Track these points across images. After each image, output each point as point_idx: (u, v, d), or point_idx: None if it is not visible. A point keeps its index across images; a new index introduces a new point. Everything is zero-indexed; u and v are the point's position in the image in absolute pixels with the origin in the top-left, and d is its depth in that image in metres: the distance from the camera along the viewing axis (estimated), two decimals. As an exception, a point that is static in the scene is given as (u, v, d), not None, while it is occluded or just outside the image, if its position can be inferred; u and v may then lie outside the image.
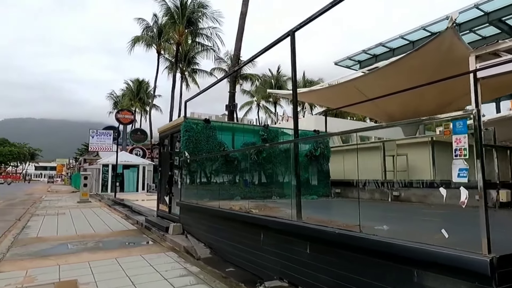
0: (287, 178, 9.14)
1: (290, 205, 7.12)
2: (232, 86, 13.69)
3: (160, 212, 9.39)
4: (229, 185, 8.14)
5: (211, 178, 7.92)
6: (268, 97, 43.19)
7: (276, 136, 9.08)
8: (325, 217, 4.58)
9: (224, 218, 5.49)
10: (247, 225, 4.82)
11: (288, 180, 9.14)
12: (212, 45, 26.48)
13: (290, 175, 9.02)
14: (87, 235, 7.89)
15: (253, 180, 8.60)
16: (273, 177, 8.83)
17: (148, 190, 25.31)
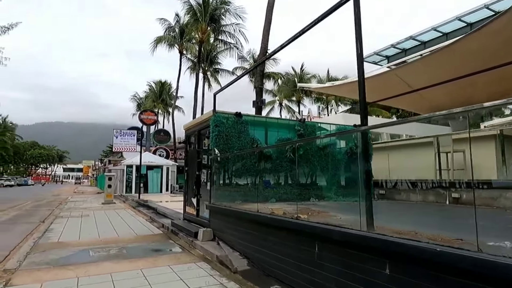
0: (327, 177, 8.25)
1: (339, 209, 6.26)
2: (260, 81, 12.89)
3: (187, 215, 8.71)
4: (262, 185, 7.33)
5: (243, 178, 7.14)
6: (291, 96, 42.17)
7: (313, 132, 8.21)
8: (397, 225, 3.68)
9: (264, 225, 4.67)
10: (295, 234, 3.99)
11: (327, 180, 8.24)
12: (235, 43, 25.89)
13: (329, 174, 8.13)
14: (110, 240, 7.30)
15: (289, 180, 7.75)
16: (311, 177, 7.95)
17: (172, 191, 24.95)
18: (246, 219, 5.26)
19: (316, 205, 6.71)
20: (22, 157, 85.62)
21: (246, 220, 5.27)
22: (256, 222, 4.93)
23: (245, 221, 5.31)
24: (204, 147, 8.01)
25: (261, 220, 4.76)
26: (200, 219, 7.76)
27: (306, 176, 7.95)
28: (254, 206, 6.03)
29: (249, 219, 5.16)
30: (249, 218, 5.14)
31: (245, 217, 5.31)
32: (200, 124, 8.00)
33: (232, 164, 7.00)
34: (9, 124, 69.37)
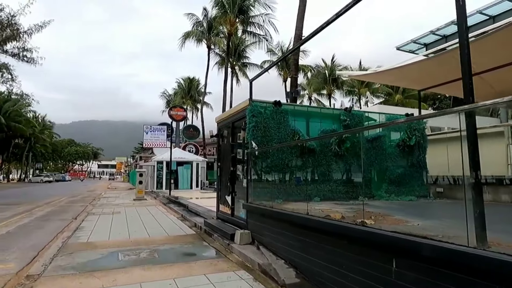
0: (376, 173, 7.33)
1: (402, 211, 5.36)
2: (294, 70, 12.03)
3: (220, 214, 8.09)
4: (305, 182, 6.55)
5: (283, 174, 6.38)
6: (321, 89, 40.81)
7: (361, 122, 7.29)
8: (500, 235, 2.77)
9: (318, 230, 3.90)
10: (361, 244, 3.20)
11: (377, 176, 7.32)
12: (264, 34, 25.08)
13: (379, 170, 7.20)
14: (141, 241, 6.80)
15: (334, 176, 6.90)
16: (359, 173, 7.06)
17: (202, 187, 24.68)
18: (293, 222, 4.51)
19: (368, 205, 5.84)
20: (60, 154, 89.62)
21: (293, 224, 4.51)
22: (306, 226, 4.16)
23: (292, 224, 4.55)
24: (239, 140, 7.33)
25: (313, 225, 3.98)
26: (236, 219, 7.10)
27: (353, 172, 7.07)
28: (300, 206, 5.27)
29: (297, 222, 4.40)
30: (297, 221, 4.37)
31: (291, 220, 4.55)
32: (234, 115, 7.31)
33: (272, 159, 6.25)
34: (47, 122, 72.58)
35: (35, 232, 8.22)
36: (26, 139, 55.92)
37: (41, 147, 65.45)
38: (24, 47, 24.53)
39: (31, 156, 64.72)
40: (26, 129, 49.80)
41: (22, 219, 10.67)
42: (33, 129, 55.17)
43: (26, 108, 56.73)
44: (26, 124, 51.01)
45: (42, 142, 63.98)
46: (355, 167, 7.03)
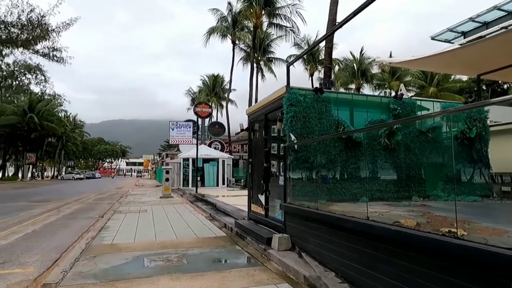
0: (431, 169, 6.40)
1: (477, 214, 4.50)
2: (328, 59, 11.16)
3: (252, 214, 7.43)
4: (351, 180, 5.75)
5: (327, 170, 5.61)
6: (350, 83, 39.28)
7: (413, 111, 6.38)
8: None
9: (386, 241, 3.12)
10: (453, 262, 2.40)
11: (431, 172, 6.39)
12: (291, 26, 24.15)
13: (435, 166, 6.28)
14: (168, 243, 6.25)
15: (382, 173, 6.05)
16: (411, 169, 6.16)
17: (228, 185, 24.21)
18: (348, 228, 3.74)
19: (427, 207, 4.98)
20: (90, 152, 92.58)
21: (348, 230, 3.75)
22: (367, 234, 3.39)
23: (346, 230, 3.79)
24: (273, 133, 6.61)
25: (378, 233, 3.21)
26: (271, 220, 6.40)
27: (404, 168, 6.18)
28: (349, 208, 4.50)
29: (353, 229, 3.63)
30: (354, 227, 3.61)
31: (345, 225, 3.79)
32: (268, 106, 6.60)
33: (313, 153, 5.50)
34: (78, 122, 74.97)
35: (60, 232, 7.89)
36: (58, 137, 57.84)
37: (72, 146, 67.63)
38: (54, 47, 24.99)
39: (63, 154, 67.05)
40: (58, 128, 51.41)
41: (50, 217, 10.49)
42: (64, 128, 56.96)
43: (57, 108, 58.75)
44: (58, 123, 52.67)
45: (73, 140, 66.07)
46: (407, 162, 6.14)
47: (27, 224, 8.96)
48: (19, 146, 51.11)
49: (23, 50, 24.26)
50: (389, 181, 6.02)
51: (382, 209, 4.71)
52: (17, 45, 22.27)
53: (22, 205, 14.25)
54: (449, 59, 8.88)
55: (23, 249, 6.14)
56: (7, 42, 21.71)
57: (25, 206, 13.56)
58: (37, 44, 23.72)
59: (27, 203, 14.91)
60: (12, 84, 60.91)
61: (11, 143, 49.38)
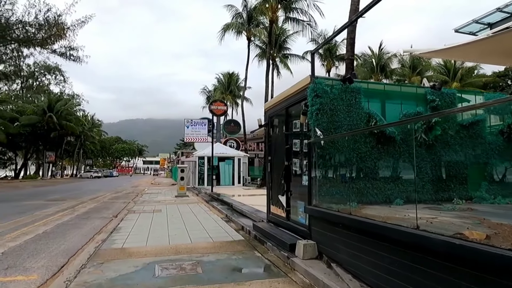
0: (473, 168, 5.70)
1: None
2: (350, 51, 10.47)
3: (272, 216, 6.89)
4: (384, 179, 5.13)
5: (358, 169, 5.01)
6: (369, 79, 38.08)
7: (453, 103, 5.69)
8: None
9: (451, 259, 2.51)
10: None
11: (474, 171, 5.69)
12: (308, 20, 23.41)
13: (478, 164, 5.57)
14: (182, 248, 5.78)
15: (417, 171, 5.39)
16: (451, 167, 5.49)
17: (244, 184, 23.75)
18: (391, 239, 3.15)
19: (474, 211, 4.33)
20: (108, 151, 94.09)
21: (391, 241, 3.16)
22: (418, 247, 2.80)
23: (389, 241, 3.20)
24: (295, 129, 6.05)
25: (439, 249, 2.60)
26: (293, 224, 5.85)
27: (444, 166, 5.51)
28: (389, 212, 3.90)
29: (399, 240, 3.04)
30: (400, 239, 3.02)
31: (387, 235, 3.20)
32: (290, 98, 6.04)
33: (342, 150, 4.91)
34: (96, 121, 76.14)
35: (71, 233, 7.57)
36: (76, 136, 58.81)
37: (90, 145, 68.74)
38: (70, 46, 25.10)
39: (81, 153, 68.23)
40: (76, 127, 52.21)
41: (63, 216, 10.25)
42: (82, 127, 57.86)
43: (76, 107, 59.75)
44: (76, 123, 53.50)
45: (91, 139, 67.11)
46: (446, 160, 5.47)
47: (39, 224, 8.71)
48: (40, 145, 52.19)
49: (41, 50, 24.47)
50: (426, 181, 5.37)
51: (423, 213, 4.10)
52: (34, 44, 22.40)
53: (38, 203, 14.17)
54: (488, 46, 8.09)
55: (30, 253, 5.80)
56: (25, 41, 21.86)
57: (41, 205, 13.45)
58: (54, 43, 23.86)
59: (43, 202, 14.84)
60: (32, 85, 62.50)
61: (32, 142, 50.47)
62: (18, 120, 44.82)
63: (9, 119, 42.59)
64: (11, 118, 43.67)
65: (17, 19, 21.95)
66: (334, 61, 35.64)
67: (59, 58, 25.90)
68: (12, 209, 12.25)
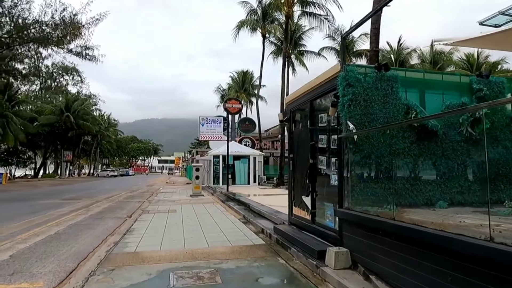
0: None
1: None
2: (375, 42, 9.83)
3: (295, 219, 6.37)
4: (423, 179, 4.55)
5: (397, 167, 4.44)
6: (386, 76, 36.98)
7: (501, 93, 5.04)
8: None
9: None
10: None
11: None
12: (325, 14, 22.67)
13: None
14: (198, 253, 5.34)
15: (462, 169, 4.77)
16: (501, 165, 4.84)
17: (260, 183, 23.28)
18: (453, 251, 2.59)
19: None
20: (124, 150, 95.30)
21: (452, 254, 2.60)
22: (494, 264, 2.25)
23: (448, 254, 2.64)
24: (320, 123, 5.51)
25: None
26: (319, 228, 5.33)
27: (493, 164, 4.87)
28: (434, 216, 3.34)
29: (463, 253, 2.48)
30: (465, 252, 2.46)
31: (447, 246, 2.64)
32: (315, 90, 5.51)
33: (378, 146, 4.35)
34: (112, 120, 77.13)
35: (84, 234, 7.25)
36: (93, 136, 59.62)
37: (107, 144, 69.60)
38: (86, 46, 25.16)
39: (98, 152, 69.17)
40: (92, 127, 52.85)
41: (77, 216, 10.00)
42: (99, 127, 58.58)
43: (92, 107, 60.58)
44: (93, 122, 54.16)
45: (108, 139, 67.96)
46: (495, 157, 4.83)
47: (52, 225, 8.45)
48: (58, 144, 53.09)
49: (58, 49, 24.60)
50: (471, 181, 4.75)
51: (474, 218, 3.53)
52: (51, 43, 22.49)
53: (54, 203, 14.06)
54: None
55: (39, 256, 5.47)
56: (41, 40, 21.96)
57: (56, 204, 13.31)
58: (70, 42, 23.95)
59: (59, 201, 14.74)
60: (51, 86, 63.77)
61: (51, 142, 51.36)
62: (37, 120, 45.64)
63: (28, 119, 43.37)
64: (31, 118, 44.48)
65: (34, 19, 22.10)
66: (351, 57, 34.68)
67: (75, 58, 26.02)
68: (28, 208, 12.14)
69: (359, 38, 34.41)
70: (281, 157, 21.84)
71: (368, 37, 32.06)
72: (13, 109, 40.58)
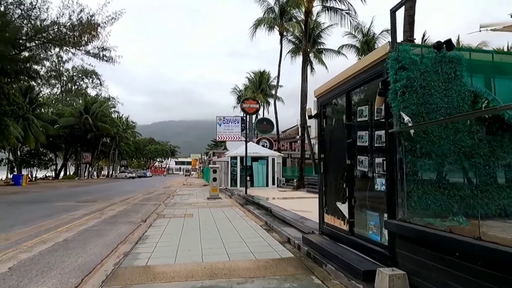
0: None
1: None
2: (409, 30, 8.90)
3: (328, 228, 5.56)
4: (497, 183, 3.67)
5: (461, 169, 3.59)
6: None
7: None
8: None
9: None
10: None
11: None
12: (347, 9, 21.69)
13: None
14: (218, 269, 4.61)
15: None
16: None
17: (279, 185, 22.46)
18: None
19: None
20: (142, 152, 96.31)
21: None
22: None
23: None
24: (361, 117, 4.69)
25: None
26: (360, 241, 4.50)
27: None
28: None
29: None
30: None
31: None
32: (354, 78, 4.69)
33: (439, 143, 3.51)
34: (130, 123, 77.93)
35: (93, 242, 6.66)
36: (112, 138, 60.23)
37: (125, 146, 70.29)
38: (103, 47, 25.01)
39: (117, 153, 69.94)
40: (111, 129, 53.34)
41: (89, 220, 9.49)
42: (117, 129, 59.14)
43: (111, 109, 61.29)
44: (111, 124, 54.69)
45: (126, 140, 68.62)
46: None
47: (62, 230, 7.93)
48: (78, 146, 53.85)
49: (75, 51, 24.56)
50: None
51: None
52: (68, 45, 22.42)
53: (69, 205, 13.71)
54: None
55: (41, 268, 4.88)
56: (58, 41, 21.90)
57: (70, 207, 12.93)
58: (88, 44, 23.84)
59: (74, 203, 14.40)
60: (71, 89, 65.05)
61: (71, 144, 52.13)
62: (57, 122, 46.36)
63: (49, 121, 44.06)
64: (51, 120, 45.21)
65: (52, 21, 22.09)
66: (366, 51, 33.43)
67: (93, 59, 25.89)
68: (42, 211, 11.78)
69: (381, 35, 33.19)
70: (302, 158, 20.97)
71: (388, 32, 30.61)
72: (34, 112, 41.29)
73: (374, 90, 4.10)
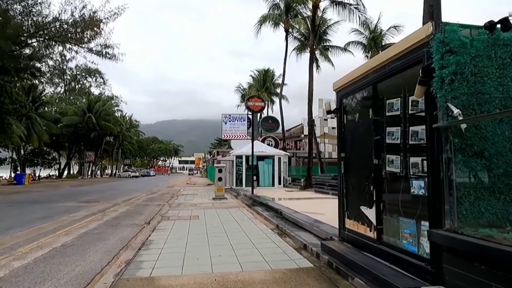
0: None
1: None
2: (429, 19, 8.30)
3: (350, 234, 5.04)
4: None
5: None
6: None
7: None
8: None
9: None
10: None
11: None
12: (356, 4, 21.02)
13: None
14: (230, 282, 4.10)
15: None
16: None
17: (285, 185, 21.94)
18: None
19: None
20: (145, 151, 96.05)
21: None
22: None
23: None
24: (390, 112, 4.16)
25: None
26: (391, 251, 3.98)
27: None
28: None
29: None
30: None
31: None
32: (384, 68, 4.16)
33: (494, 140, 2.99)
34: (133, 121, 77.63)
35: (93, 248, 6.18)
36: (115, 137, 59.90)
37: (128, 145, 69.99)
38: (106, 44, 24.58)
39: (120, 152, 69.66)
40: (114, 128, 52.98)
41: (90, 223, 9.03)
42: (120, 127, 58.78)
43: (114, 108, 61.00)
44: (115, 123, 54.34)
45: (129, 139, 68.30)
46: None
47: (61, 234, 7.48)
48: (81, 145, 53.58)
49: (78, 48, 24.16)
50: None
51: None
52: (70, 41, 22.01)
53: (70, 206, 13.28)
54: None
55: (34, 279, 4.41)
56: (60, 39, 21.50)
57: (72, 208, 12.50)
58: (90, 41, 23.42)
59: (75, 204, 13.97)
60: (75, 88, 64.91)
61: (74, 143, 51.85)
62: (60, 121, 46.08)
63: (52, 120, 43.79)
64: (54, 119, 44.93)
65: (54, 17, 21.68)
66: (380, 52, 32.81)
67: (96, 57, 25.47)
68: (43, 212, 11.36)
69: (388, 31, 32.55)
70: (309, 157, 20.44)
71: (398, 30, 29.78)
72: (37, 111, 41.02)
73: (409, 80, 3.58)
